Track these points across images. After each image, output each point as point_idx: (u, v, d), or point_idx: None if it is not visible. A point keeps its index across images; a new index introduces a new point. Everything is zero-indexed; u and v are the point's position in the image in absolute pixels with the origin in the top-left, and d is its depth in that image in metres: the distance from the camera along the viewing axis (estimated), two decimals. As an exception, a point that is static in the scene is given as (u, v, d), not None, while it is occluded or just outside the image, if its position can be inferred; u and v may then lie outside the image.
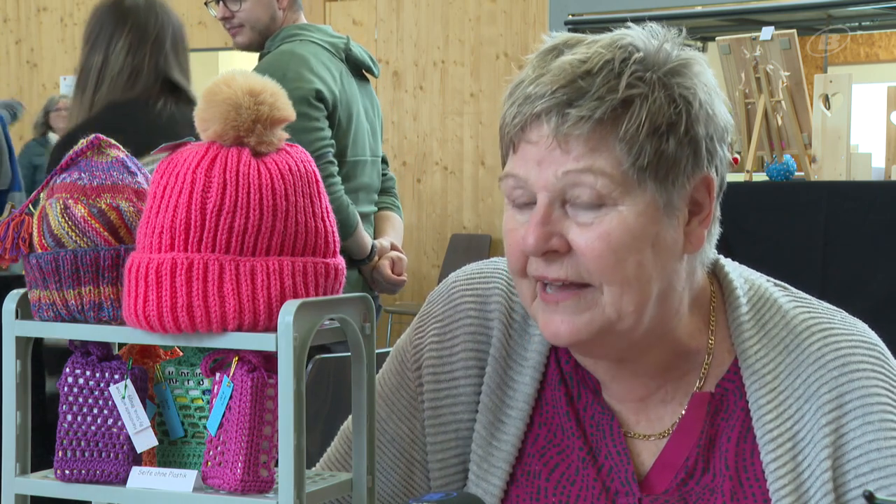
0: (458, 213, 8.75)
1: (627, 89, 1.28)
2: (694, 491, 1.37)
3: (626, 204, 1.29)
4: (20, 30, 10.46)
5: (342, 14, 9.04)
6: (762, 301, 1.43)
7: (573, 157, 1.28)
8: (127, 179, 1.13)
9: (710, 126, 1.32)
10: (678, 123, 1.29)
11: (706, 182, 1.34)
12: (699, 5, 6.63)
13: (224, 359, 1.08)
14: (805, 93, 4.13)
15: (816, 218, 3.87)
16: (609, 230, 1.29)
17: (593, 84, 1.28)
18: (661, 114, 1.29)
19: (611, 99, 1.27)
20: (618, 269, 1.30)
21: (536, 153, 1.30)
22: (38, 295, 1.11)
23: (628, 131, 1.27)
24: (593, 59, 1.29)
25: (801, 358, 1.39)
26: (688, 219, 1.34)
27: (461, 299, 1.48)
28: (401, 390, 1.48)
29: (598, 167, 1.28)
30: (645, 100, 1.28)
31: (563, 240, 1.30)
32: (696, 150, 1.31)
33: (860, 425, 1.35)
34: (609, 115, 1.27)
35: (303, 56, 3.30)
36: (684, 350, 1.40)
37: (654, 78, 1.29)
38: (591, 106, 1.27)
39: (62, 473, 1.10)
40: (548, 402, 1.44)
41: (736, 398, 1.40)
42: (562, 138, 1.28)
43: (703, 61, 1.35)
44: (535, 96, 1.29)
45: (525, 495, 1.41)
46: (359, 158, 3.44)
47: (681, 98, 1.30)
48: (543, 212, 1.30)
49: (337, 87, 3.34)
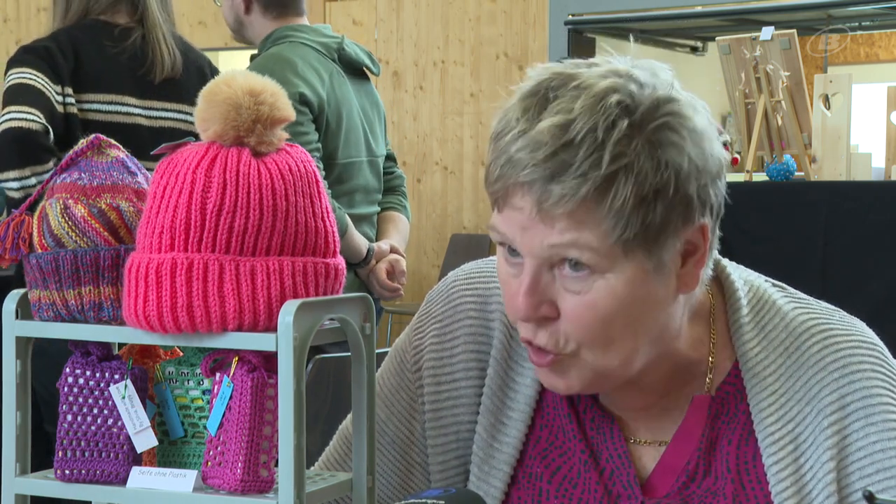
0: (458, 213, 8.75)
1: (612, 163, 1.21)
2: (696, 494, 1.37)
3: (614, 272, 1.26)
4: (20, 30, 10.45)
5: (342, 14, 9.03)
6: (761, 303, 1.42)
7: (557, 231, 1.25)
8: (127, 179, 1.13)
9: (701, 178, 1.27)
10: (666, 189, 1.24)
11: (700, 229, 1.30)
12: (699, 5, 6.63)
13: (224, 359, 1.08)
14: (805, 93, 4.12)
15: (816, 218, 3.87)
16: (596, 300, 1.27)
17: (575, 158, 1.22)
18: (647, 183, 1.23)
19: (594, 176, 1.21)
20: (601, 335, 1.28)
21: (521, 220, 1.27)
22: (38, 295, 1.11)
23: (614, 206, 1.23)
24: (576, 125, 1.22)
25: (801, 360, 1.39)
26: (682, 262, 1.31)
27: (461, 299, 1.48)
28: (400, 391, 1.48)
29: (584, 241, 1.24)
30: (630, 171, 1.22)
31: (552, 306, 1.29)
32: (688, 206, 1.27)
33: (863, 426, 1.35)
34: (593, 193, 1.22)
35: (288, 59, 3.29)
36: (686, 362, 1.40)
37: (639, 145, 1.23)
38: (573, 184, 1.22)
39: (62, 473, 1.10)
40: (549, 404, 1.43)
41: (737, 401, 1.39)
42: (545, 213, 1.24)
43: (693, 107, 1.28)
44: (518, 163, 1.24)
45: (526, 497, 1.41)
46: (353, 160, 3.41)
47: (669, 163, 1.24)
48: (531, 280, 1.27)
49: (324, 89, 3.31)
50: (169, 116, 3.13)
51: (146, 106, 3.10)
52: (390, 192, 3.62)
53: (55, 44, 3.03)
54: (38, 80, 2.94)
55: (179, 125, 3.11)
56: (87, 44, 3.06)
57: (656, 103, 1.25)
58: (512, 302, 1.31)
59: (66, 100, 2.98)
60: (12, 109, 2.89)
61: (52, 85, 2.96)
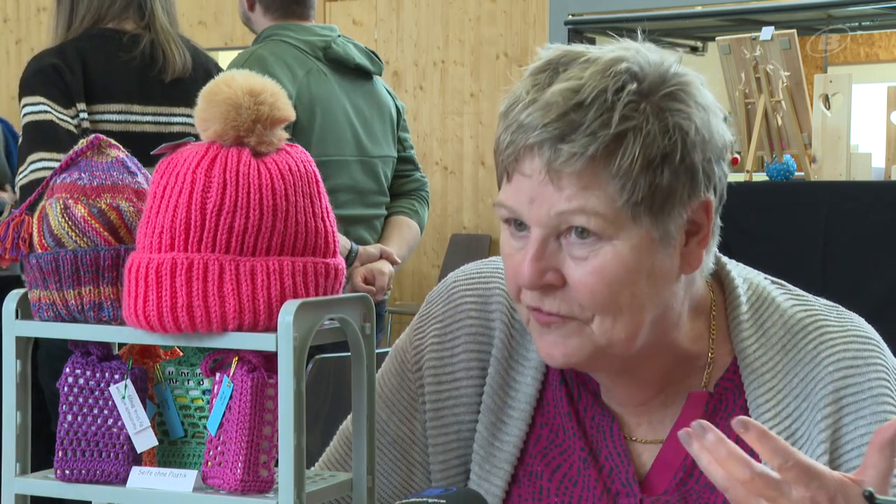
0: (458, 213, 8.75)
1: (620, 123, 1.24)
2: (694, 490, 1.37)
3: (621, 238, 1.27)
4: (20, 30, 10.45)
5: (342, 14, 9.03)
6: (761, 300, 1.43)
7: (565, 197, 1.26)
8: (127, 179, 1.13)
9: (706, 150, 1.30)
10: (673, 154, 1.27)
11: (704, 205, 1.32)
12: (699, 5, 6.63)
13: (224, 359, 1.08)
14: (805, 93, 4.12)
15: (816, 218, 3.87)
16: (603, 264, 1.27)
17: (585, 118, 1.25)
18: (655, 146, 1.25)
19: (603, 135, 1.24)
20: (610, 302, 1.29)
21: (529, 188, 1.28)
22: (38, 295, 1.11)
23: (622, 167, 1.25)
24: (586, 88, 1.26)
25: (798, 357, 1.39)
26: (685, 241, 1.32)
27: (462, 299, 1.48)
28: (401, 391, 1.48)
29: (591, 207, 1.26)
30: (639, 133, 1.25)
31: (557, 274, 1.29)
32: (693, 177, 1.29)
33: (853, 420, 1.36)
34: (602, 151, 1.24)
35: (260, 56, 3.31)
36: (686, 355, 1.40)
37: (648, 108, 1.26)
38: (583, 142, 1.24)
39: (62, 473, 1.10)
40: (549, 402, 1.44)
41: (735, 397, 1.40)
42: (554, 174, 1.26)
43: (700, 82, 1.32)
44: (528, 127, 1.27)
45: (527, 495, 1.41)
46: (330, 158, 3.35)
47: (676, 127, 1.27)
48: (537, 247, 1.28)
49: (295, 86, 3.30)
50: (178, 121, 3.14)
51: (156, 112, 3.10)
52: (403, 196, 3.55)
53: (62, 59, 3.02)
54: (52, 112, 2.94)
55: (189, 129, 3.11)
56: (95, 54, 3.06)
57: (665, 74, 1.29)
58: (516, 271, 1.31)
59: (80, 115, 2.98)
60: (43, 157, 2.89)
61: (64, 112, 2.96)
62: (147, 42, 3.12)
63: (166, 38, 3.14)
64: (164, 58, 3.12)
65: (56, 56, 3.03)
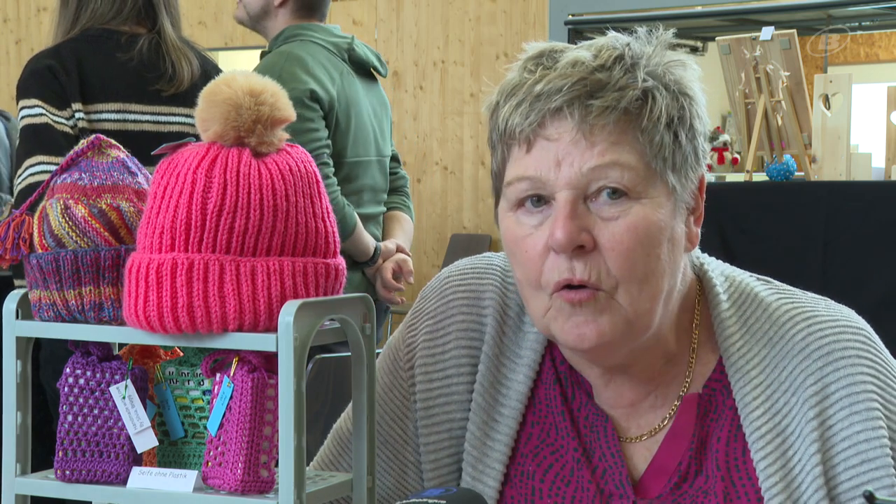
0: (458, 213, 8.75)
1: (645, 81, 1.30)
2: (688, 494, 1.36)
3: (649, 196, 1.30)
4: (20, 30, 10.45)
5: (342, 14, 9.03)
6: (743, 297, 1.42)
7: (598, 152, 1.28)
8: (127, 180, 1.13)
9: (702, 124, 1.35)
10: (684, 118, 1.32)
11: (701, 181, 1.37)
12: (699, 5, 6.64)
13: (224, 359, 1.08)
14: (805, 93, 4.13)
15: (816, 218, 3.87)
16: (636, 222, 1.29)
17: (611, 76, 1.29)
18: (673, 106, 1.32)
19: (632, 89, 1.29)
20: (641, 264, 1.30)
21: (556, 151, 1.29)
22: (39, 295, 1.11)
23: (651, 120, 1.29)
24: (602, 54, 1.31)
25: (786, 349, 1.38)
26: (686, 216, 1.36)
27: (453, 295, 1.47)
28: (393, 390, 1.47)
29: (624, 160, 1.29)
30: (659, 92, 1.31)
31: (589, 235, 1.29)
32: (696, 146, 1.34)
33: (847, 416, 1.34)
34: (633, 104, 1.29)
35: (299, 56, 3.29)
36: (671, 354, 1.40)
37: (659, 70, 1.32)
38: (614, 97, 1.28)
39: (62, 473, 1.10)
40: (541, 400, 1.43)
41: (724, 397, 1.39)
42: (587, 130, 1.28)
43: (693, 62, 1.38)
44: (550, 92, 1.29)
45: (519, 496, 1.40)
46: (361, 159, 3.42)
47: (683, 94, 1.33)
48: (570, 208, 1.29)
49: (335, 88, 3.32)
50: (177, 121, 3.13)
51: (155, 111, 3.10)
52: (394, 192, 3.62)
53: (57, 60, 3.01)
54: (48, 114, 2.94)
55: (187, 129, 3.11)
56: (91, 54, 3.05)
57: (665, 50, 1.35)
58: (537, 244, 1.30)
59: (76, 116, 2.98)
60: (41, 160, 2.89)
61: (59, 113, 2.96)
62: (145, 42, 3.11)
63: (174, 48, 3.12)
64: (174, 70, 3.11)
65: (51, 57, 3.03)
